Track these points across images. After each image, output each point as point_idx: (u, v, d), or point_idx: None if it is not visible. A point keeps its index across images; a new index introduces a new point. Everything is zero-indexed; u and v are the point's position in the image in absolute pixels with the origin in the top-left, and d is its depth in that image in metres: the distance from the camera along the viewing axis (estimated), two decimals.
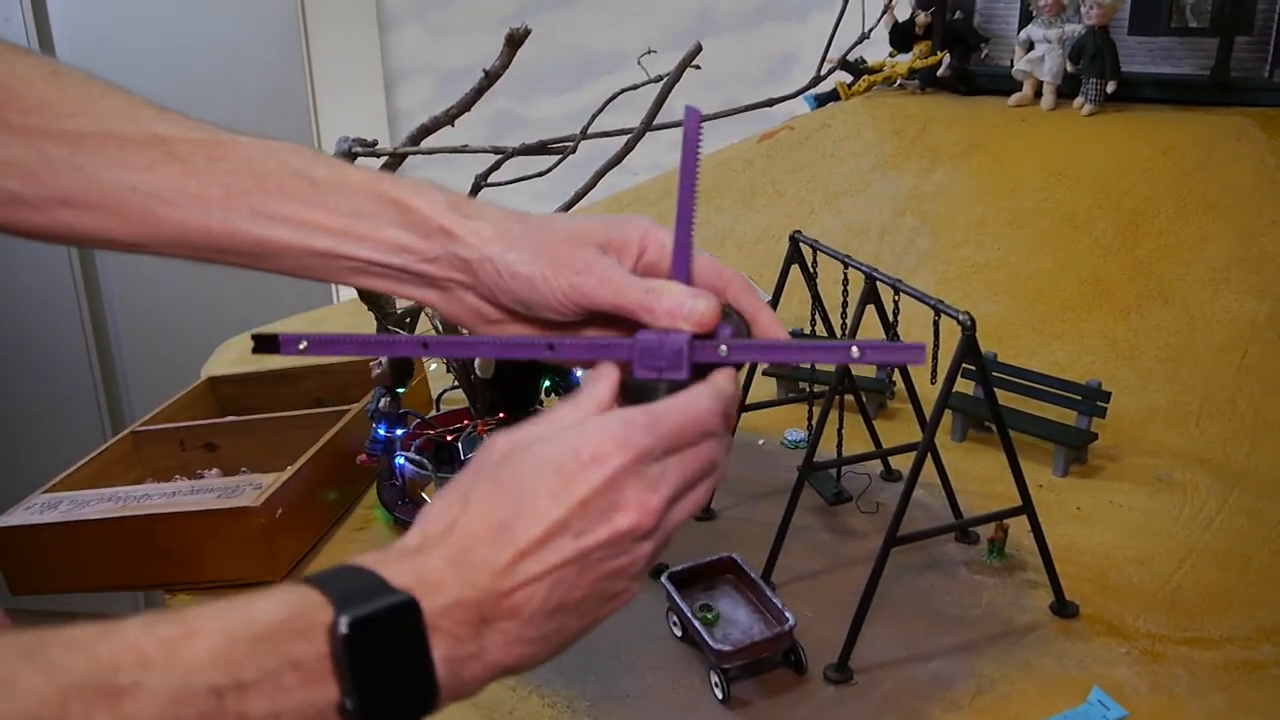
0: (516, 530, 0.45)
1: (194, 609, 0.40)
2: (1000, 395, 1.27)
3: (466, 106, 1.34)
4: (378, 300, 1.41)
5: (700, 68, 1.40)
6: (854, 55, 2.20)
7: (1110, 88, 1.98)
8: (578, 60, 3.01)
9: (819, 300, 1.35)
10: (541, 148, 1.41)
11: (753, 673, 1.06)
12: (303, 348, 0.53)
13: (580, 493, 0.46)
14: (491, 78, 1.31)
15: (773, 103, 1.79)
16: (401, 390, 1.43)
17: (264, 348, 0.53)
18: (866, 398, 1.49)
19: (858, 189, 2.10)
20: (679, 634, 1.12)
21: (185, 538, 1.22)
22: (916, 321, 1.19)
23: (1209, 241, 1.71)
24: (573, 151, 1.41)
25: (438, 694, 0.43)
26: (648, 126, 1.40)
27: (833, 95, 2.39)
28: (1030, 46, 2.10)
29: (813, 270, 1.35)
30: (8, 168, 0.54)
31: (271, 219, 0.54)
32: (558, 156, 1.41)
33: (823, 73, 1.98)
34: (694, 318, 0.51)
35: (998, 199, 1.93)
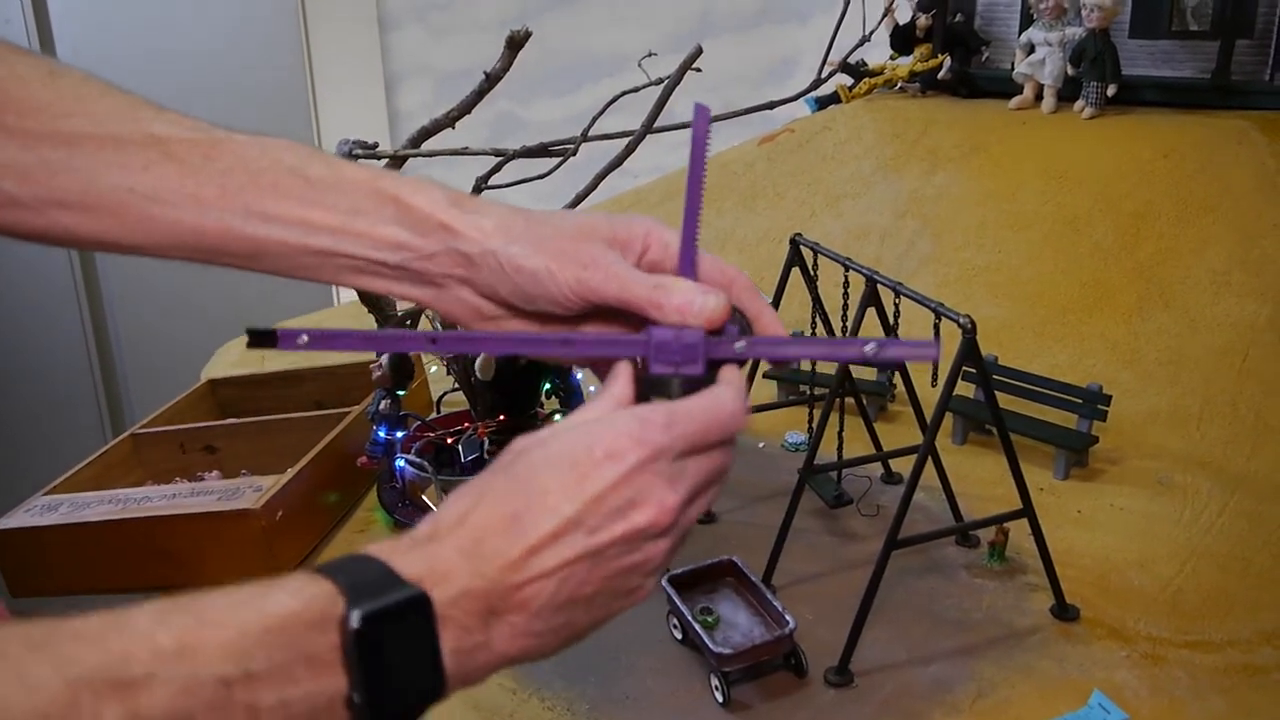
0: (528, 524, 0.45)
1: (206, 598, 0.40)
2: (1001, 398, 1.27)
3: (467, 108, 1.34)
4: (378, 302, 1.41)
5: (701, 70, 1.40)
6: (855, 58, 2.20)
7: (1111, 91, 1.98)
8: (578, 63, 3.01)
9: (819, 303, 1.35)
10: (542, 150, 1.41)
11: (753, 676, 1.06)
12: (303, 342, 0.52)
13: (594, 489, 0.45)
14: (492, 80, 1.32)
15: (773, 105, 1.79)
16: (402, 393, 1.43)
17: (260, 343, 0.51)
18: (867, 400, 1.49)
19: (858, 192, 2.10)
20: (679, 637, 1.12)
21: (185, 540, 1.22)
22: (917, 324, 1.19)
23: (1210, 244, 1.71)
24: (573, 154, 1.41)
25: (445, 684, 0.43)
26: (648, 129, 1.40)
27: (833, 98, 2.39)
28: (1031, 49, 2.10)
29: (813, 273, 1.35)
30: (4, 170, 0.53)
31: (267, 218, 0.53)
32: (558, 159, 1.41)
33: (823, 75, 1.99)
34: (704, 314, 0.51)
35: (998, 202, 1.93)
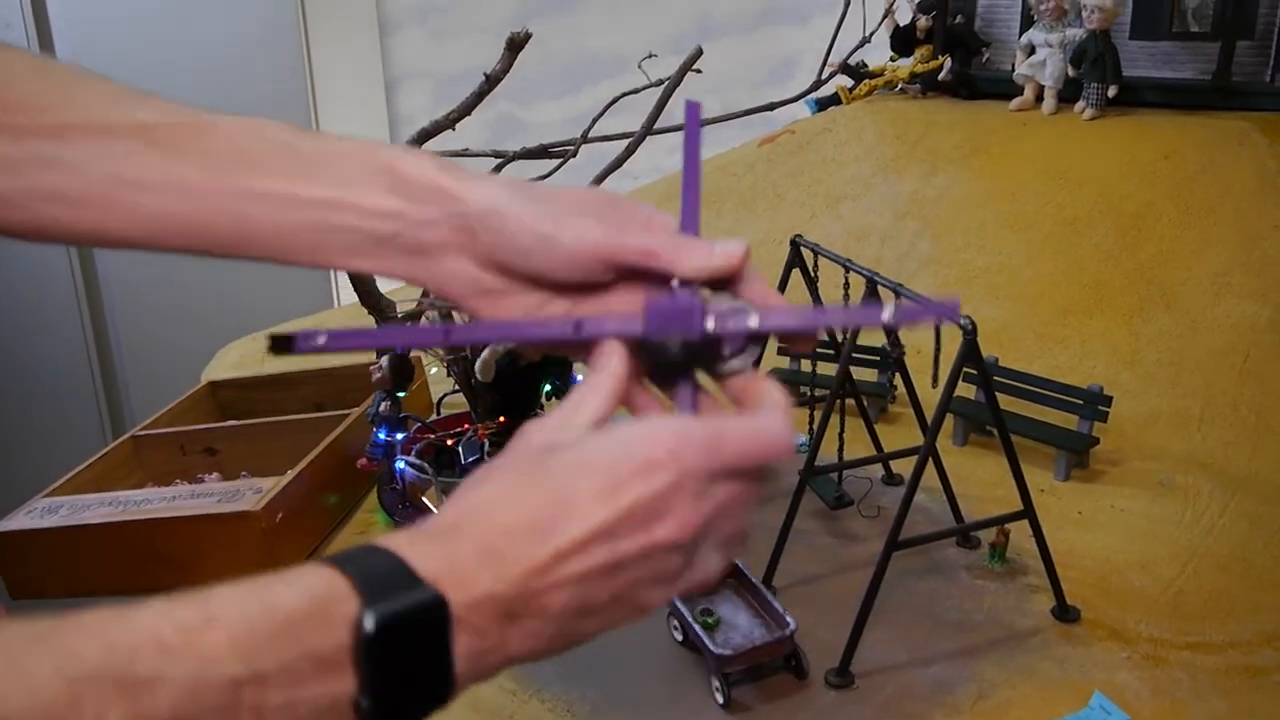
0: (558, 527, 0.43)
1: (214, 593, 0.39)
2: (1001, 399, 1.27)
3: (467, 110, 1.34)
4: (378, 304, 1.41)
5: (701, 72, 1.41)
6: (855, 59, 2.20)
7: (1111, 92, 1.98)
8: (578, 64, 3.01)
9: (820, 304, 1.35)
10: (542, 151, 1.41)
11: (753, 677, 1.06)
12: (321, 343, 0.50)
13: (628, 498, 0.44)
14: (492, 82, 1.32)
15: (773, 107, 1.79)
16: (402, 394, 1.43)
17: (280, 348, 0.50)
18: (868, 402, 1.49)
19: (859, 193, 2.10)
20: (680, 638, 1.12)
21: (185, 542, 1.22)
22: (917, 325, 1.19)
23: (1210, 246, 1.71)
24: (573, 155, 1.41)
25: (454, 687, 0.42)
26: (648, 130, 1.40)
27: (834, 99, 2.39)
28: (1031, 51, 2.10)
29: (814, 274, 1.35)
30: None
31: (253, 196, 0.52)
32: (558, 160, 1.41)
33: (824, 77, 1.98)
34: (727, 255, 0.49)
35: (999, 203, 1.93)
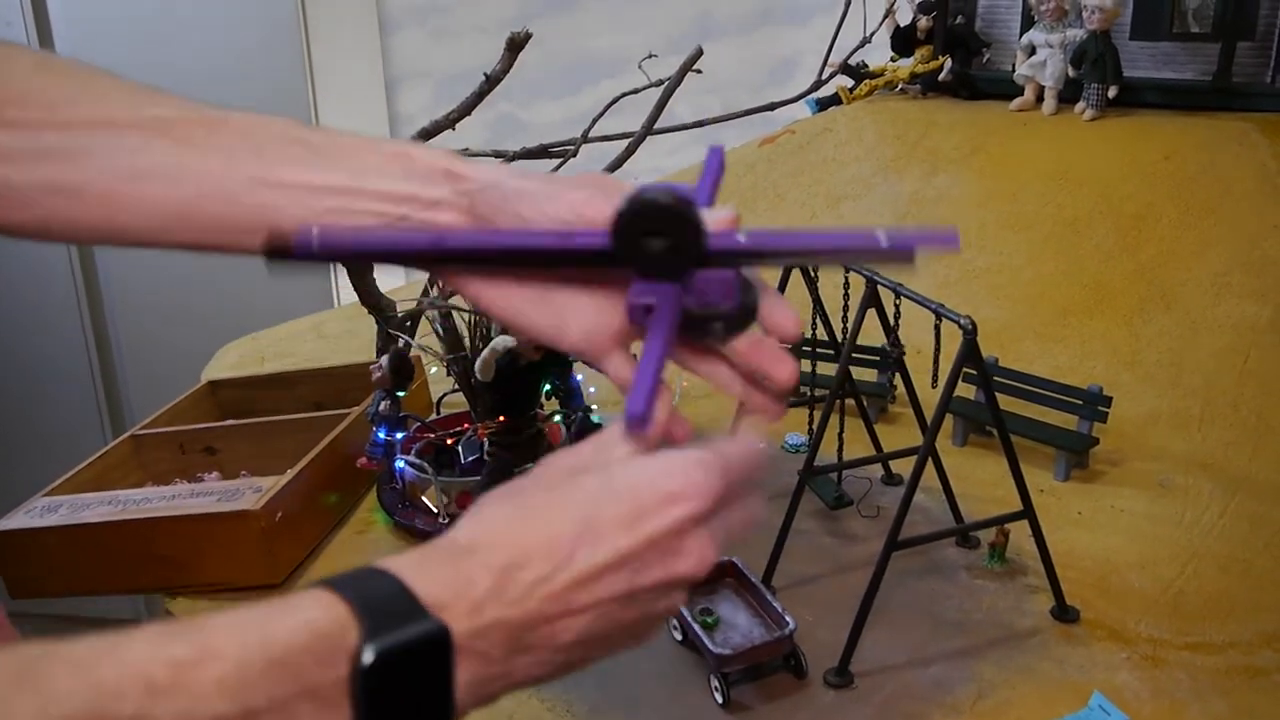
0: (579, 554, 0.42)
1: (210, 622, 0.38)
2: (1001, 399, 1.27)
3: (467, 110, 1.34)
4: (378, 303, 1.41)
5: (701, 72, 1.41)
6: (855, 59, 2.20)
7: (1112, 92, 1.98)
8: (578, 64, 3.01)
9: (820, 304, 1.35)
10: (542, 152, 1.41)
11: (753, 677, 1.06)
12: (315, 246, 0.49)
13: (652, 529, 0.43)
14: (492, 82, 1.32)
15: (774, 107, 1.79)
16: (402, 393, 1.43)
17: (277, 254, 0.49)
18: (867, 402, 1.49)
19: (859, 193, 2.10)
20: (679, 638, 1.12)
21: (185, 541, 1.22)
22: (918, 325, 1.19)
23: (1211, 246, 1.71)
24: (573, 155, 1.41)
25: (452, 716, 0.41)
26: (649, 131, 1.41)
27: (834, 99, 2.39)
28: (1032, 51, 2.10)
29: (813, 274, 1.35)
30: (2, 158, 0.53)
31: (270, 185, 0.53)
32: (558, 160, 1.41)
33: (824, 77, 1.98)
34: (717, 217, 0.49)
35: (999, 203, 1.93)
